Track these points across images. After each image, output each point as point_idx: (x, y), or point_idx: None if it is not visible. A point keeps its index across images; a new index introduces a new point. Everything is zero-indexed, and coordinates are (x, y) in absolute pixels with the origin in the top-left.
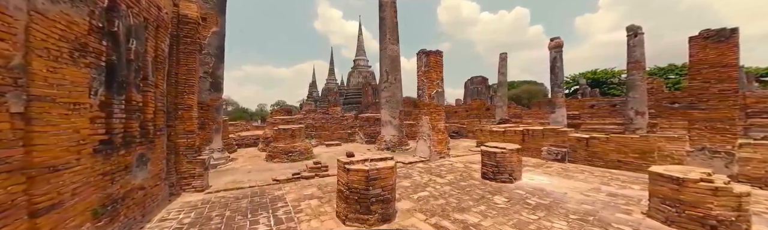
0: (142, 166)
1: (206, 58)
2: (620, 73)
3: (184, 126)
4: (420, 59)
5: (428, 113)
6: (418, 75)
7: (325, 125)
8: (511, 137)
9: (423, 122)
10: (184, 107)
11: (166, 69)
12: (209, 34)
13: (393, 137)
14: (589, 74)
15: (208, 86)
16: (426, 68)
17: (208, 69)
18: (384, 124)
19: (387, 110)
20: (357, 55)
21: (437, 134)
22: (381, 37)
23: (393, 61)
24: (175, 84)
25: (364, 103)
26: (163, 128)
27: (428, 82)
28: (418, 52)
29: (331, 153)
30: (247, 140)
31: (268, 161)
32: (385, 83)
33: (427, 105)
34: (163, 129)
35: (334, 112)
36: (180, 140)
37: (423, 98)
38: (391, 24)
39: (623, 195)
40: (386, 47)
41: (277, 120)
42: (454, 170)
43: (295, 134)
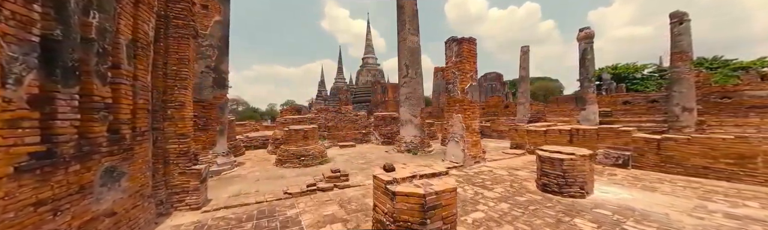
0: (112, 184)
1: (208, 50)
2: (643, 68)
3: (176, 128)
4: (449, 49)
5: (461, 110)
6: (446, 67)
7: (338, 124)
8: (556, 138)
9: (454, 122)
10: (175, 105)
11: (150, 57)
12: (211, 24)
13: (414, 138)
14: (610, 69)
15: (211, 82)
16: (458, 59)
17: (210, 63)
18: (403, 123)
19: (407, 107)
20: (365, 53)
21: (472, 135)
22: (399, 27)
23: (413, 53)
24: (164, 76)
25: (373, 101)
26: (148, 131)
27: (461, 74)
28: (447, 40)
29: (347, 156)
30: (255, 142)
31: (278, 165)
32: (404, 78)
33: (460, 101)
34: (146, 133)
35: (346, 111)
36: (170, 146)
37: (454, 93)
38: (411, 12)
39: (748, 217)
40: (405, 38)
41: (288, 120)
42: (500, 180)
43: (308, 136)
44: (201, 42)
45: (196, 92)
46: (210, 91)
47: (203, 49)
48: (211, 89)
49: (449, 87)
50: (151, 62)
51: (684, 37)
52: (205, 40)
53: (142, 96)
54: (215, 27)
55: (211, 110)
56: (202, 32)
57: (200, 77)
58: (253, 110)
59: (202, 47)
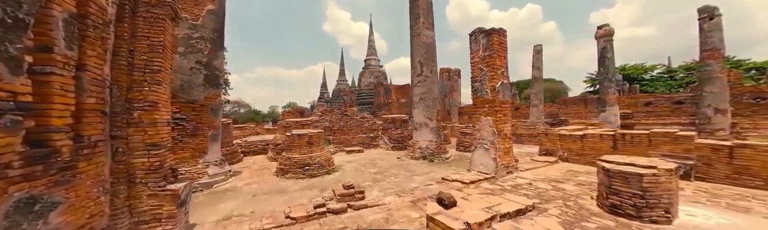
0: (34, 221)
1: (199, 43)
2: (652, 68)
3: (145, 136)
4: (475, 42)
5: (491, 112)
6: (472, 62)
7: (344, 127)
8: (596, 144)
9: (482, 125)
10: (145, 106)
11: (109, 42)
12: (203, 13)
13: (430, 144)
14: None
15: (202, 80)
16: (487, 53)
17: (201, 58)
18: (417, 127)
19: (421, 109)
20: (368, 54)
21: (504, 141)
22: (412, 21)
23: (428, 49)
24: (129, 68)
25: (376, 103)
26: (103, 141)
27: (490, 71)
28: (473, 31)
29: (355, 163)
30: (255, 147)
31: (279, 175)
32: (418, 76)
33: (489, 102)
34: (101, 144)
35: (352, 113)
36: (137, 161)
37: (482, 92)
38: (425, 5)
39: None
40: (419, 33)
41: (291, 123)
42: (548, 197)
43: (313, 142)
44: (191, 34)
45: (185, 91)
46: (201, 90)
47: (193, 42)
48: (202, 87)
49: (476, 86)
50: (110, 49)
51: (715, 33)
52: (195, 32)
53: (94, 93)
54: (208, 17)
55: (201, 112)
56: (193, 22)
57: (189, 73)
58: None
59: (192, 39)
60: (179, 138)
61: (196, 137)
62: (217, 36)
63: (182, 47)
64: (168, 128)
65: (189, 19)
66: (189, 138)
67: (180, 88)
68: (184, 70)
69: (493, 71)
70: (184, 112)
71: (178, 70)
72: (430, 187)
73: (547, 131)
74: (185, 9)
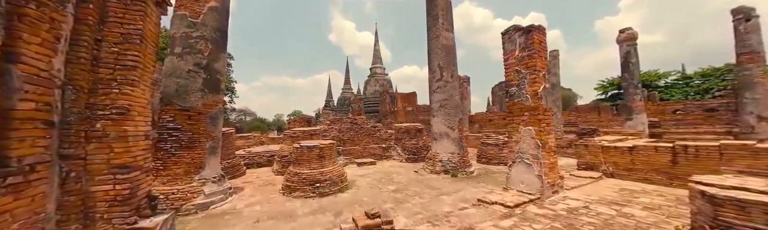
0: None
1: (199, 43)
2: (666, 75)
3: (109, 156)
4: (510, 41)
5: (533, 121)
6: (506, 64)
7: (355, 137)
8: (649, 158)
9: (522, 136)
10: (111, 114)
11: (64, 27)
12: (204, 11)
13: (452, 156)
14: None
15: (201, 84)
16: (525, 53)
17: (201, 59)
18: (437, 137)
19: (441, 118)
20: (373, 63)
21: (549, 155)
22: (430, 23)
23: (448, 53)
24: (94, 63)
25: (381, 111)
26: (48, 163)
27: (530, 73)
28: (507, 30)
29: (369, 178)
30: (259, 158)
31: (285, 194)
32: (437, 82)
33: (531, 109)
34: (41, 168)
35: (362, 121)
36: (98, 189)
37: (520, 98)
38: (444, 5)
39: None
40: (438, 35)
41: (298, 133)
42: (618, 227)
43: (325, 155)
44: (190, 32)
45: (180, 96)
46: (198, 96)
47: (192, 42)
48: (200, 93)
49: (512, 91)
50: (66, 36)
51: (752, 35)
52: (195, 31)
53: (33, 95)
54: (209, 15)
55: (198, 121)
56: (192, 20)
57: (186, 77)
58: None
59: (191, 39)
60: (172, 151)
61: (192, 150)
62: (219, 36)
63: (179, 47)
64: (145, 144)
65: (188, 16)
66: (183, 151)
67: (175, 93)
68: (181, 73)
69: (535, 73)
70: (178, 121)
71: (173, 73)
72: (466, 212)
73: (585, 142)
74: (184, 6)
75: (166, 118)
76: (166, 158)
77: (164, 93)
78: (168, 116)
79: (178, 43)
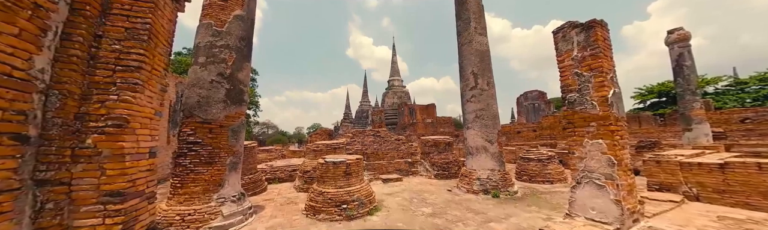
0: None
1: (222, 52)
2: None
3: (101, 180)
4: (565, 40)
5: (603, 133)
6: (561, 67)
7: (379, 151)
8: (750, 177)
9: (588, 151)
10: (106, 126)
11: (51, 17)
12: (229, 19)
13: (492, 174)
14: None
15: (223, 96)
16: (588, 52)
17: (224, 69)
18: (473, 151)
19: (478, 130)
20: (391, 75)
21: (626, 174)
22: (461, 27)
23: (483, 58)
24: (90, 63)
25: (400, 123)
26: (14, 190)
27: (595, 76)
28: (561, 27)
29: (399, 198)
30: (281, 173)
31: (309, 215)
32: (472, 90)
33: (599, 119)
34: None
35: (386, 134)
36: (84, 222)
37: (583, 106)
38: (476, 8)
39: None
40: (471, 40)
41: (321, 146)
42: None
43: (352, 172)
44: (214, 41)
45: (202, 108)
46: (221, 108)
47: (216, 51)
48: (222, 104)
49: (572, 97)
50: (56, 29)
51: None
52: (219, 39)
53: (7, 104)
54: (234, 23)
55: (220, 134)
56: (217, 29)
57: (209, 87)
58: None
59: (215, 48)
60: (191, 167)
61: (212, 166)
62: (243, 45)
63: (203, 57)
64: (148, 163)
65: (213, 25)
66: (203, 167)
67: (196, 105)
68: (204, 83)
69: (601, 75)
70: (198, 134)
71: (196, 83)
72: None
73: (657, 157)
74: (210, 15)
75: (187, 131)
76: (183, 174)
77: (186, 105)
78: (188, 130)
79: (201, 52)
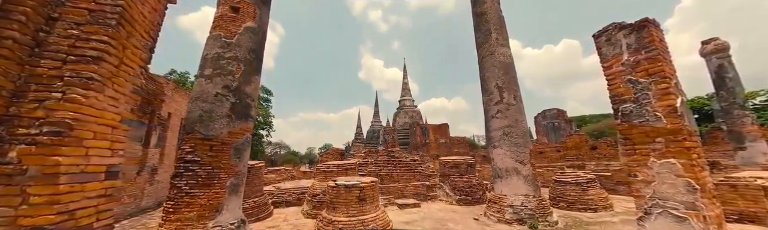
0: None
1: (230, 64)
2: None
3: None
4: (610, 44)
5: (677, 151)
6: (609, 74)
7: (394, 173)
8: None
9: (656, 172)
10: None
11: None
12: (240, 31)
13: (526, 200)
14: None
15: (228, 110)
16: (643, 55)
17: (230, 82)
18: (503, 174)
19: (506, 149)
20: (402, 95)
21: (712, 203)
22: (481, 39)
23: (507, 71)
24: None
25: (412, 144)
26: None
27: (656, 82)
28: (603, 30)
29: (420, 228)
30: (288, 195)
31: None
32: (497, 105)
33: (668, 133)
34: None
35: (400, 154)
36: None
37: (642, 118)
38: (497, 19)
39: None
40: (493, 52)
41: (331, 167)
42: None
43: (366, 197)
44: (222, 53)
45: (204, 123)
46: (224, 123)
47: (223, 63)
48: (226, 119)
49: (626, 109)
50: None
51: None
52: (228, 51)
53: None
54: (245, 35)
55: (221, 152)
56: (227, 40)
57: (213, 101)
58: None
59: (223, 60)
60: (186, 189)
61: (209, 189)
62: (253, 58)
63: (210, 69)
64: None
65: (223, 36)
66: (199, 189)
67: (198, 119)
68: (208, 96)
69: (664, 81)
70: (198, 152)
71: (199, 96)
72: None
73: (733, 180)
74: (220, 26)
75: (186, 148)
76: (177, 198)
77: (188, 120)
78: (188, 147)
79: (208, 64)
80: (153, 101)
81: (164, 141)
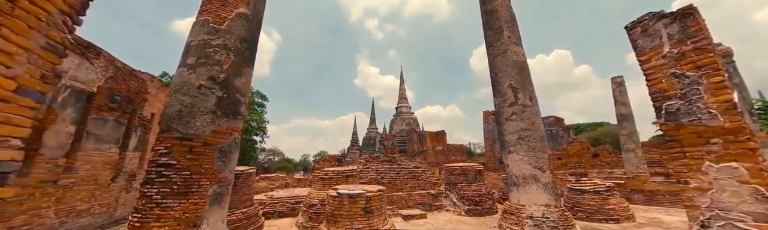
0: None
1: (218, 53)
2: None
3: None
4: (646, 35)
5: (739, 153)
6: (647, 68)
7: (396, 181)
8: None
9: (713, 178)
10: None
11: None
12: (231, 16)
13: (548, 211)
14: None
15: (213, 105)
16: (688, 45)
17: (218, 73)
18: (520, 182)
19: (523, 154)
20: (399, 102)
21: None
22: (492, 37)
23: (521, 70)
24: None
25: (409, 151)
26: None
27: (708, 75)
28: (639, 20)
29: None
30: (282, 205)
31: None
32: (511, 106)
33: (727, 133)
34: None
35: (402, 161)
36: None
37: (693, 116)
38: (509, 17)
39: None
40: (506, 50)
41: (330, 174)
42: None
43: (373, 208)
44: (209, 40)
45: (183, 120)
46: (207, 120)
47: (210, 51)
48: (210, 116)
49: (672, 106)
50: None
51: None
52: (216, 38)
53: None
54: (236, 21)
55: (202, 155)
56: (215, 26)
57: (195, 94)
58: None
59: (209, 48)
60: (158, 199)
61: (186, 198)
62: (245, 47)
63: (193, 57)
64: None
65: (211, 22)
66: (173, 199)
67: (177, 116)
68: (189, 88)
69: (717, 74)
70: (175, 154)
71: (179, 89)
72: None
73: None
74: (208, 11)
75: (160, 150)
76: (147, 209)
77: (164, 116)
78: (162, 148)
79: (192, 52)
80: (134, 99)
81: (146, 144)
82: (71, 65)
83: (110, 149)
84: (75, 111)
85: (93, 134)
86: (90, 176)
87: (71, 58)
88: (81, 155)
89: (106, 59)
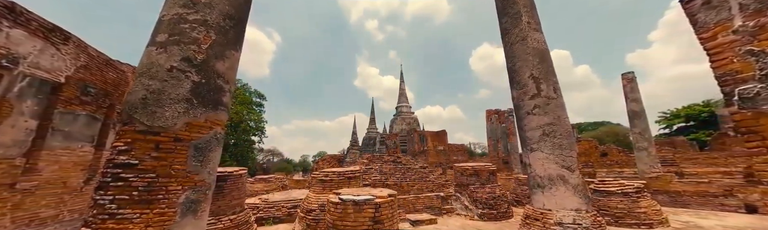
0: None
1: (195, 30)
2: None
3: None
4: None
5: None
6: (714, 46)
7: (402, 182)
8: None
9: None
10: None
11: None
12: None
13: (578, 216)
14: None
15: (188, 92)
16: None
17: (194, 53)
18: (545, 183)
19: (548, 152)
20: (399, 102)
21: None
22: (508, 24)
23: (543, 58)
24: None
25: (409, 151)
26: None
27: None
28: None
29: None
30: (277, 210)
31: None
32: (533, 99)
33: None
34: None
35: (407, 161)
36: None
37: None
38: (527, 1)
39: None
40: (526, 37)
41: (330, 175)
42: None
43: (383, 218)
44: (184, 14)
45: (147, 109)
46: (180, 110)
47: (185, 27)
48: (184, 105)
49: (747, 91)
50: None
51: None
52: (194, 12)
53: None
54: None
55: (172, 153)
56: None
57: (165, 77)
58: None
59: (185, 23)
60: (113, 209)
61: (150, 208)
62: (230, 26)
63: (165, 34)
64: None
65: None
66: (133, 208)
67: (141, 104)
68: (158, 71)
69: None
70: (136, 152)
71: (146, 71)
72: None
73: None
74: None
75: (119, 146)
76: (98, 222)
77: (126, 104)
78: (122, 144)
79: (164, 28)
80: (112, 92)
81: None
82: (31, 49)
83: (83, 148)
84: (37, 104)
85: (61, 131)
86: (57, 178)
87: (31, 41)
88: (46, 154)
89: (77, 46)
